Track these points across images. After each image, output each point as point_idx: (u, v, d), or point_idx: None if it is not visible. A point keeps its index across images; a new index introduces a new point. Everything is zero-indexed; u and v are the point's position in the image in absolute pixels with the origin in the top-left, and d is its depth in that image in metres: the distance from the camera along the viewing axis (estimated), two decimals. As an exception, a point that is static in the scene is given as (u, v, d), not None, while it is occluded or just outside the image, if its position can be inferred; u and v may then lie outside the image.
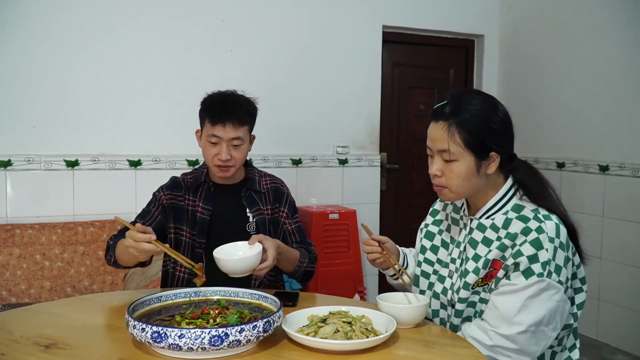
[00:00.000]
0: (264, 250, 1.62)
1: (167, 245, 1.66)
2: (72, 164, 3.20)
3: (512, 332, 1.33)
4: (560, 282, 1.34)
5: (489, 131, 1.38)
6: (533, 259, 1.32)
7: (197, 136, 1.94)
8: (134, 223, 1.87)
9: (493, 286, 1.40)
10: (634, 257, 3.37)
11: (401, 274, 1.56)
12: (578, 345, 1.53)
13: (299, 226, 1.99)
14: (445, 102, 1.42)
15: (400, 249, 1.70)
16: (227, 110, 1.83)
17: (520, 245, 1.34)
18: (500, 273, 1.38)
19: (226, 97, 1.88)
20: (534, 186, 1.45)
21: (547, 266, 1.32)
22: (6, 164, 3.08)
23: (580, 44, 3.72)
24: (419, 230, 1.69)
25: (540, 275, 1.31)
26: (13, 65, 3.08)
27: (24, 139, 3.11)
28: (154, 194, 1.96)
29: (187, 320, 1.31)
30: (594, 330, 3.58)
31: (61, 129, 3.19)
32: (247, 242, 1.66)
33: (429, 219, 1.67)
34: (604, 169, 3.55)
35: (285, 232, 1.97)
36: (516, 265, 1.34)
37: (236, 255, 1.60)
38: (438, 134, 1.40)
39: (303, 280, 1.96)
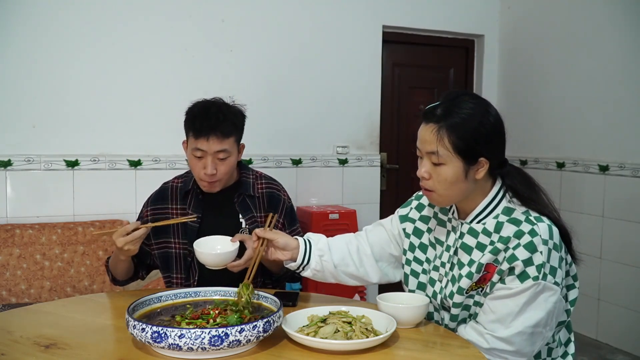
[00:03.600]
0: (244, 249, 1.66)
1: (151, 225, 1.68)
2: (72, 164, 3.20)
3: (509, 334, 1.33)
4: (556, 283, 1.33)
5: (479, 136, 1.35)
6: (528, 262, 1.31)
7: (183, 147, 1.86)
8: None
9: (488, 290, 1.39)
10: (634, 257, 3.37)
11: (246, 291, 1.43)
12: (573, 339, 1.55)
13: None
14: (437, 103, 1.40)
15: (306, 240, 1.57)
16: (210, 122, 1.74)
17: (514, 249, 1.33)
18: (495, 277, 1.36)
19: (209, 108, 1.78)
20: (525, 191, 1.44)
21: (542, 269, 1.31)
22: (6, 164, 3.08)
23: (581, 44, 3.72)
24: (399, 216, 1.64)
25: (536, 278, 1.30)
26: (13, 65, 3.08)
27: (24, 139, 3.11)
28: (141, 210, 1.94)
29: (187, 320, 1.31)
30: (594, 330, 3.58)
31: (61, 129, 3.19)
32: (229, 237, 1.69)
33: (414, 214, 1.62)
34: (604, 169, 3.55)
35: None
36: (511, 270, 1.33)
37: (214, 249, 1.67)
38: (427, 136, 1.37)
39: (289, 281, 1.93)
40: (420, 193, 1.63)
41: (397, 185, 4.24)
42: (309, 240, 1.58)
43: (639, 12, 3.39)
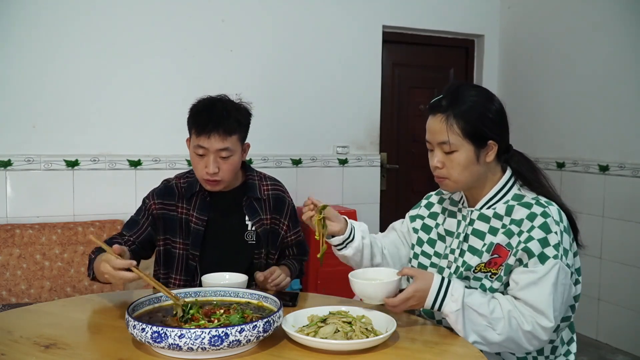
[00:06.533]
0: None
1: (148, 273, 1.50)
2: (72, 164, 3.20)
3: (549, 325, 1.34)
4: (567, 265, 1.37)
5: (486, 120, 1.42)
6: (544, 242, 1.35)
7: (187, 145, 1.82)
8: (120, 235, 1.81)
9: (502, 274, 1.39)
10: (634, 257, 3.37)
11: (324, 237, 1.51)
12: (575, 339, 1.57)
13: (299, 240, 1.95)
14: (441, 95, 1.46)
15: (350, 221, 1.61)
16: (212, 119, 1.69)
17: (529, 231, 1.37)
18: (511, 259, 1.38)
19: (213, 105, 1.74)
20: (530, 175, 1.49)
21: (559, 248, 1.35)
22: (6, 164, 3.07)
23: (581, 44, 3.72)
24: (409, 217, 1.71)
25: (555, 257, 1.34)
26: (13, 65, 3.08)
27: (24, 139, 3.11)
28: (144, 201, 1.86)
29: (190, 315, 1.32)
30: (594, 330, 3.58)
31: (61, 129, 3.19)
32: (236, 274, 1.67)
33: (423, 211, 1.68)
34: (604, 169, 3.55)
35: (286, 245, 1.94)
36: (529, 252, 1.35)
37: (223, 281, 1.64)
38: (437, 127, 1.43)
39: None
40: (431, 193, 1.71)
41: (397, 185, 4.23)
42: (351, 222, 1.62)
43: (638, 12, 3.39)
